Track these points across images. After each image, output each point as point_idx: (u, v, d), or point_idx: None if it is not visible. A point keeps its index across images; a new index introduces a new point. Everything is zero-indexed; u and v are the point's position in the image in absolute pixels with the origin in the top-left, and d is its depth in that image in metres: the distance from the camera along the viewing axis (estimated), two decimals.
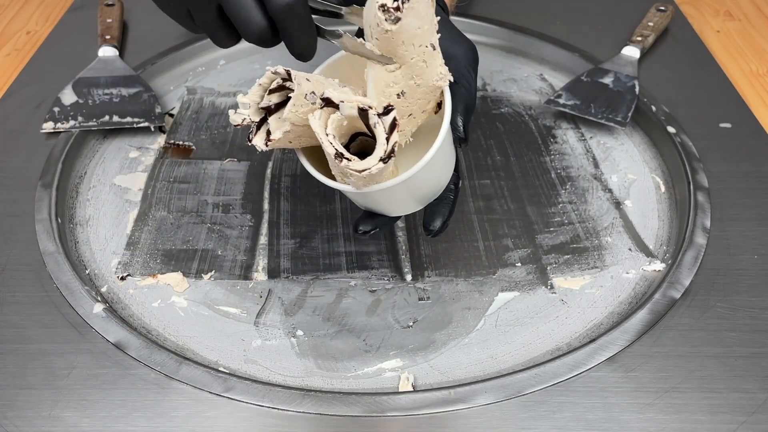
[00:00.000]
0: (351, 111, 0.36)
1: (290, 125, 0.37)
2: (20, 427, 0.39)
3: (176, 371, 0.42)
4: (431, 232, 0.44)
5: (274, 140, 0.38)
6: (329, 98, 0.36)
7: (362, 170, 0.36)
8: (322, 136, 0.36)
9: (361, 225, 0.44)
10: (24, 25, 0.78)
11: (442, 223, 0.44)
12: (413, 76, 0.38)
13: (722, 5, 0.82)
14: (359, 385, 0.43)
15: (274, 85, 0.38)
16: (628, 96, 0.63)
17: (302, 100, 0.37)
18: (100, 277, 0.49)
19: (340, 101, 0.36)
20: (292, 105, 0.36)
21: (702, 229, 0.51)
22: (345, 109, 0.36)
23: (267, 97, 0.38)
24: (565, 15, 0.77)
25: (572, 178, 0.58)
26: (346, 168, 0.36)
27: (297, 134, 0.38)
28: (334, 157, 0.36)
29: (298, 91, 0.36)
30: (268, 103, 0.38)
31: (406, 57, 0.37)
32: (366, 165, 0.36)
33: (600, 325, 0.46)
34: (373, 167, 0.36)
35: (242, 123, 0.38)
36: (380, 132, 0.36)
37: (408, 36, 0.37)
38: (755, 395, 0.41)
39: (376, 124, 0.36)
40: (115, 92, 0.63)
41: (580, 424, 0.39)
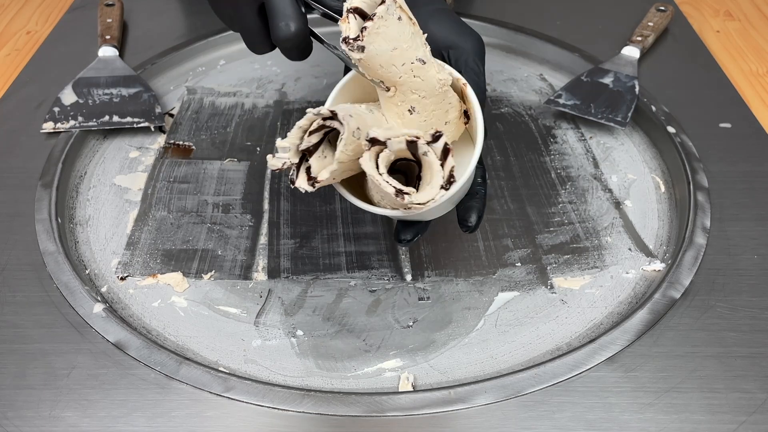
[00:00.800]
0: (399, 146, 0.35)
1: (338, 164, 0.36)
2: (20, 427, 0.39)
3: (176, 371, 0.42)
4: (469, 228, 0.43)
5: (322, 181, 0.37)
6: (375, 137, 0.35)
7: (426, 202, 0.35)
8: (377, 177, 0.35)
9: (402, 235, 0.44)
10: (24, 25, 0.78)
11: (478, 218, 0.43)
12: (412, 91, 0.38)
13: (722, 5, 0.82)
14: (359, 385, 0.43)
15: (314, 126, 0.37)
16: (628, 96, 0.63)
17: (351, 139, 0.36)
18: (100, 277, 0.49)
19: (387, 138, 0.35)
20: (343, 145, 0.36)
21: (702, 229, 0.51)
22: (393, 145, 0.35)
23: (306, 138, 0.37)
24: (565, 15, 0.77)
25: (572, 178, 0.58)
26: (410, 203, 0.35)
27: (341, 171, 0.38)
28: (394, 196, 0.35)
29: (347, 130, 0.36)
30: (308, 144, 0.37)
31: (393, 77, 0.37)
32: (430, 196, 0.35)
33: (600, 325, 0.46)
34: (437, 195, 0.35)
35: (281, 167, 0.37)
36: (433, 159, 0.35)
37: (384, 60, 0.36)
38: (755, 395, 0.41)
39: (427, 153, 0.35)
40: (115, 92, 0.63)
41: (580, 424, 0.39)
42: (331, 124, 0.37)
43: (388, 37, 0.36)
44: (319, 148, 0.38)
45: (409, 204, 0.35)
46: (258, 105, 0.66)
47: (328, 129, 0.37)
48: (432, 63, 0.39)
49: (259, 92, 0.68)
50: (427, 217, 0.43)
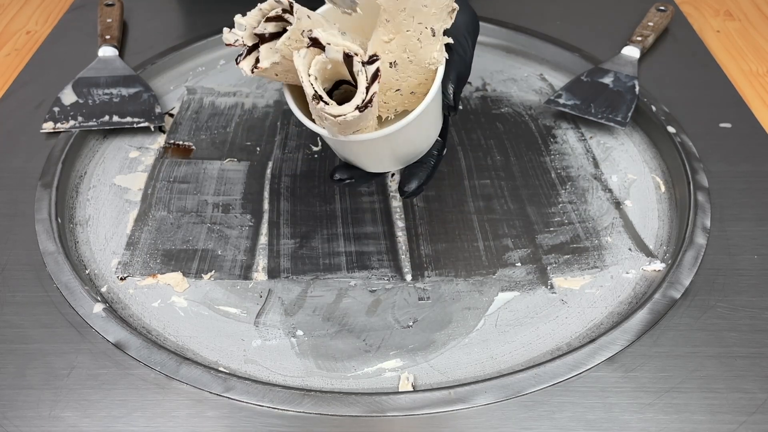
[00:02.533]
0: (336, 55, 0.35)
1: (280, 57, 0.36)
2: (20, 427, 0.39)
3: (176, 371, 0.42)
4: (405, 194, 0.43)
5: (261, 68, 0.37)
6: (317, 38, 0.35)
7: (337, 115, 0.35)
8: (304, 75, 0.35)
9: (337, 173, 0.43)
10: (24, 25, 0.78)
11: (417, 187, 0.43)
12: (407, 50, 0.38)
13: (722, 5, 0.82)
14: (359, 385, 0.43)
15: (273, 13, 0.37)
16: (628, 96, 0.63)
17: (298, 35, 0.36)
18: (100, 277, 0.49)
19: (327, 43, 0.35)
20: (287, 38, 0.36)
21: (702, 229, 0.51)
22: (330, 52, 0.35)
23: (263, 24, 0.37)
24: (565, 15, 0.77)
25: (572, 178, 0.58)
26: (322, 111, 0.35)
27: (285, 68, 0.37)
28: (312, 99, 0.35)
29: (296, 25, 0.35)
30: (263, 31, 0.37)
31: (403, 27, 0.37)
32: (341, 111, 0.35)
33: (600, 325, 0.46)
34: (349, 114, 0.35)
35: (233, 43, 0.37)
36: (361, 80, 0.35)
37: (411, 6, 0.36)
38: (755, 395, 0.41)
39: (359, 72, 0.35)
40: (115, 92, 0.63)
41: (580, 424, 0.39)
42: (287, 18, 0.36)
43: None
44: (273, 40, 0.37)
45: (320, 111, 0.35)
46: (258, 105, 0.66)
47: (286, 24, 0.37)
48: (438, 39, 0.38)
49: (259, 92, 0.68)
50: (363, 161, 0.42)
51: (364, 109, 0.35)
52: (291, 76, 0.39)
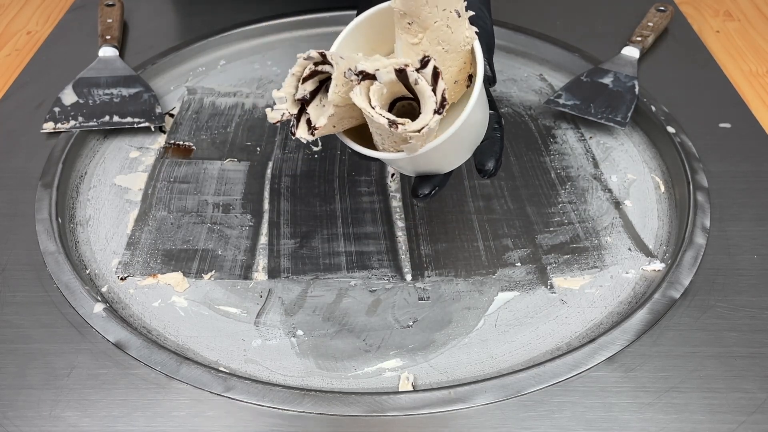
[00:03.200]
0: (389, 76, 0.35)
1: (333, 108, 0.36)
2: (20, 427, 0.39)
3: (176, 371, 0.42)
4: (487, 173, 0.42)
5: (321, 128, 0.36)
6: (364, 70, 0.35)
7: (420, 129, 0.34)
8: (368, 109, 0.35)
9: (420, 189, 0.42)
10: (24, 25, 0.78)
11: (496, 161, 0.42)
12: (439, 41, 0.37)
13: (722, 5, 0.82)
14: (359, 385, 0.43)
15: (306, 72, 0.37)
16: (628, 96, 0.63)
17: (342, 80, 0.36)
18: (100, 277, 0.49)
19: (375, 70, 0.35)
20: (334, 86, 0.35)
21: (702, 229, 0.51)
22: (382, 76, 0.35)
23: (301, 87, 0.37)
24: (565, 15, 0.77)
25: (572, 178, 0.58)
26: (404, 132, 0.34)
27: (340, 117, 0.37)
28: (388, 126, 0.34)
29: (338, 70, 0.35)
30: (303, 93, 0.37)
31: (430, 20, 0.36)
32: (423, 122, 0.35)
33: (600, 325, 0.46)
34: (431, 121, 0.35)
35: (282, 119, 0.37)
36: (424, 86, 0.35)
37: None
38: (755, 395, 0.41)
39: (418, 80, 0.34)
40: (115, 92, 0.63)
41: (580, 424, 0.39)
42: (323, 69, 0.36)
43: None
44: (316, 96, 0.37)
45: (403, 133, 0.35)
46: (258, 105, 0.66)
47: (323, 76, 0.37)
48: (465, 18, 0.38)
49: (259, 92, 0.68)
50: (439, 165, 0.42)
51: (442, 110, 0.35)
52: (346, 122, 0.38)
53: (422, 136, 0.35)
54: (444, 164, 0.42)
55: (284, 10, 0.76)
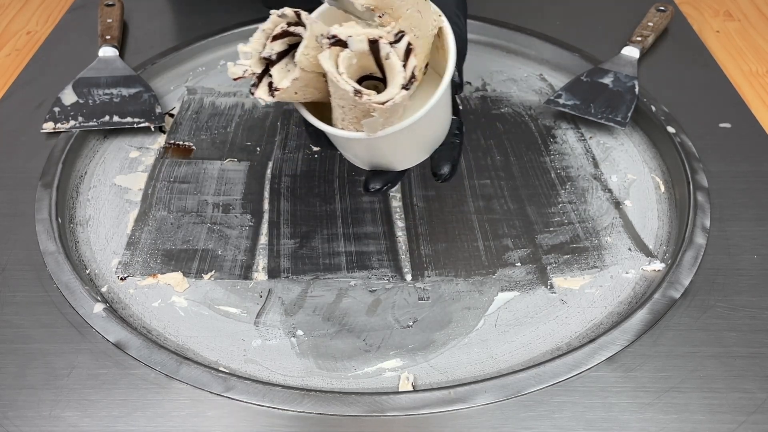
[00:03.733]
0: (361, 45, 0.33)
1: (300, 71, 0.35)
2: (20, 427, 0.39)
3: (176, 371, 0.42)
4: (441, 177, 0.42)
5: (282, 89, 0.35)
6: (336, 35, 0.33)
7: (386, 101, 0.33)
8: (335, 75, 0.33)
9: (371, 183, 0.42)
10: (24, 25, 0.78)
11: (452, 167, 0.42)
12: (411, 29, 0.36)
13: (722, 5, 0.82)
14: (359, 385, 0.43)
15: (278, 30, 0.35)
16: (628, 96, 0.63)
17: (313, 43, 0.34)
18: (100, 277, 0.49)
19: (348, 36, 0.33)
20: (303, 47, 0.34)
21: (702, 229, 0.51)
22: (354, 44, 0.33)
23: (269, 45, 0.35)
24: (565, 15, 0.77)
25: (572, 178, 0.58)
26: (369, 103, 0.33)
27: (304, 83, 0.36)
28: (353, 95, 0.33)
29: (310, 32, 0.34)
30: (270, 53, 0.35)
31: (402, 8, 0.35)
32: (389, 95, 0.33)
33: (600, 325, 0.46)
34: (397, 96, 0.33)
35: (243, 75, 0.35)
36: (395, 60, 0.34)
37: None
38: (755, 395, 0.41)
39: (389, 54, 0.33)
40: (115, 92, 0.63)
41: (580, 424, 0.39)
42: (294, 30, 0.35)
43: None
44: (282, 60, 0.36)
45: (367, 103, 0.33)
46: (258, 105, 0.66)
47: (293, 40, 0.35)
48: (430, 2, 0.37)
49: None
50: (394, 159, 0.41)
51: (410, 86, 0.34)
52: (309, 92, 0.37)
53: (386, 110, 0.34)
54: (399, 159, 0.42)
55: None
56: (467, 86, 0.69)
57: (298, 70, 0.35)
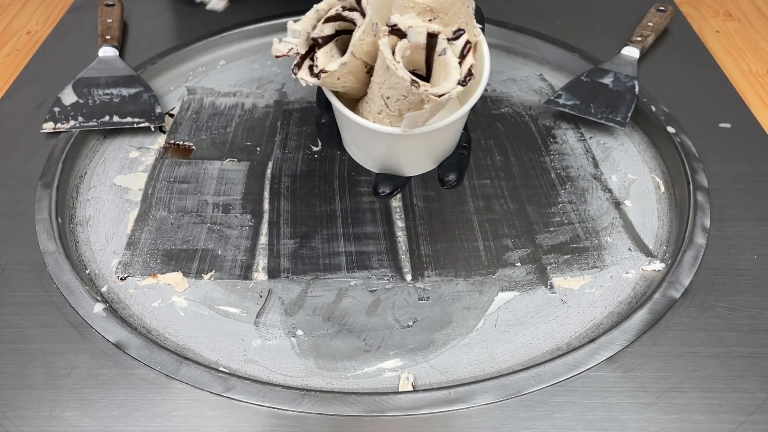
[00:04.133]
0: (419, 37, 0.33)
1: (350, 56, 0.34)
2: (20, 427, 0.39)
3: (176, 371, 0.42)
4: (448, 183, 0.43)
5: (330, 71, 0.34)
6: (396, 24, 0.33)
7: (443, 94, 0.33)
8: (393, 63, 0.33)
9: (381, 187, 0.43)
10: (24, 25, 0.78)
11: (459, 175, 0.43)
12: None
13: (722, 5, 0.82)
14: (359, 385, 0.43)
15: (333, 12, 0.35)
16: (628, 96, 0.63)
17: (370, 29, 0.34)
18: (100, 277, 0.49)
19: (409, 27, 0.33)
20: (361, 32, 0.34)
21: (702, 229, 0.51)
22: (413, 36, 0.33)
23: (320, 26, 0.35)
24: (565, 15, 0.77)
25: (572, 178, 0.58)
26: (425, 94, 0.33)
27: (349, 69, 0.35)
28: (410, 84, 0.33)
29: (370, 17, 0.34)
30: (319, 34, 0.35)
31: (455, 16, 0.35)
32: (447, 88, 0.33)
33: (600, 325, 0.46)
34: (453, 90, 0.33)
35: (287, 53, 0.35)
36: (450, 57, 0.34)
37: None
38: (755, 395, 0.41)
39: (446, 49, 0.33)
40: (115, 92, 0.63)
41: (580, 424, 0.39)
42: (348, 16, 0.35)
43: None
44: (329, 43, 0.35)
45: (424, 94, 0.33)
46: (258, 105, 0.66)
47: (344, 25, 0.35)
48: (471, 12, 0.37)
49: (259, 92, 0.68)
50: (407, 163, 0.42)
51: (466, 83, 0.34)
52: (349, 80, 0.37)
53: (440, 103, 0.34)
54: (412, 162, 0.42)
55: (284, 10, 0.76)
56: None
57: (349, 55, 0.34)
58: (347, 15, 0.35)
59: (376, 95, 0.36)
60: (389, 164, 0.43)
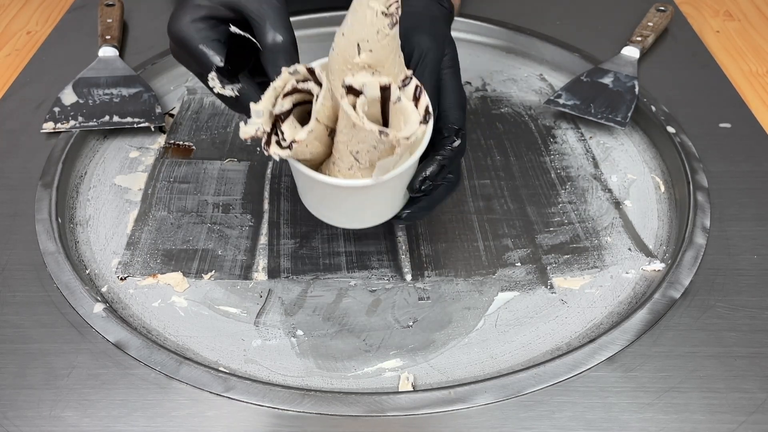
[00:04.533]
0: (374, 91, 0.35)
1: (315, 123, 0.36)
2: (20, 427, 0.39)
3: (176, 371, 0.42)
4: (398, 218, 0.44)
5: (300, 141, 0.36)
6: (351, 84, 0.35)
7: (408, 136, 0.35)
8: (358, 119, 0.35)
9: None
10: (24, 25, 0.78)
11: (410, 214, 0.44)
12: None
13: (722, 5, 0.82)
14: (359, 385, 0.43)
15: (289, 87, 0.37)
16: (628, 96, 0.63)
17: (329, 94, 0.36)
18: (100, 277, 0.49)
19: (362, 84, 0.35)
20: (322, 98, 0.36)
21: (702, 229, 0.51)
22: (369, 91, 0.35)
23: (280, 101, 0.37)
24: (565, 15, 0.77)
25: (572, 178, 0.58)
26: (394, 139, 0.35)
27: (315, 135, 0.37)
28: (378, 134, 0.35)
29: (326, 85, 0.36)
30: (281, 110, 0.37)
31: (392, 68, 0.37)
32: (411, 130, 0.35)
33: (600, 325, 0.46)
34: (418, 130, 0.35)
35: (255, 133, 0.37)
36: (406, 103, 0.36)
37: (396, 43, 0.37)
38: (755, 395, 0.41)
39: (400, 97, 0.35)
40: (115, 92, 0.63)
41: (580, 424, 0.39)
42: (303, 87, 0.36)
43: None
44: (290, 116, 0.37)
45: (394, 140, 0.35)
46: None
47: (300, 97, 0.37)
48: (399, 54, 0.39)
49: None
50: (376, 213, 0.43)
51: (426, 121, 0.36)
52: (315, 145, 0.38)
53: (409, 144, 0.36)
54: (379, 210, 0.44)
55: None
56: (467, 86, 0.69)
57: (314, 121, 0.36)
58: (302, 87, 0.37)
59: (344, 153, 0.38)
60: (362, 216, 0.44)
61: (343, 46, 0.36)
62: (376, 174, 0.38)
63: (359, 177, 0.39)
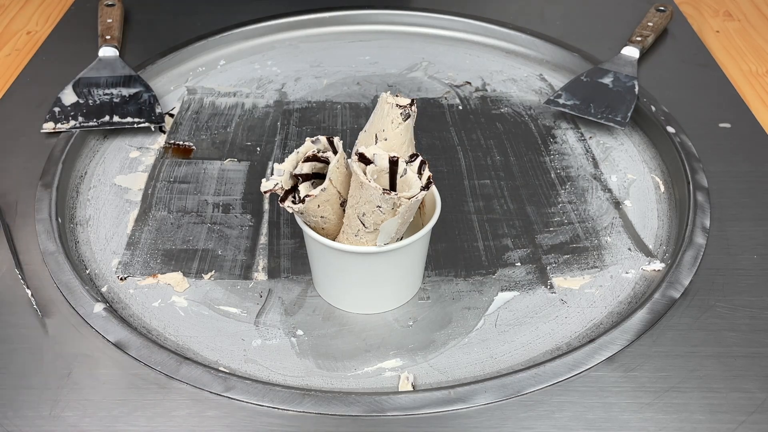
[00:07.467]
0: (384, 162, 0.40)
1: (328, 182, 0.41)
2: (20, 427, 0.39)
3: (176, 371, 0.42)
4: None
5: (313, 195, 0.41)
6: (363, 153, 0.40)
7: (411, 197, 0.39)
8: (365, 179, 0.39)
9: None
10: (24, 25, 0.78)
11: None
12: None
13: (722, 5, 0.82)
14: (359, 385, 0.43)
15: (310, 153, 0.42)
16: (628, 96, 0.63)
17: (343, 161, 0.42)
18: (100, 277, 0.49)
19: (374, 154, 0.40)
20: (336, 161, 0.41)
21: (701, 229, 0.51)
22: (378, 161, 0.40)
23: (301, 165, 0.42)
24: (565, 15, 0.77)
25: (572, 178, 0.58)
26: (397, 198, 0.39)
27: (327, 197, 0.42)
28: (381, 193, 0.39)
29: (341, 152, 0.42)
30: (301, 171, 0.42)
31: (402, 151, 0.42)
32: (413, 192, 0.40)
33: (599, 325, 0.46)
34: (419, 194, 0.40)
35: (273, 189, 0.41)
36: (411, 176, 0.41)
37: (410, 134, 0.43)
38: (755, 395, 0.41)
39: (406, 170, 0.41)
40: (115, 92, 0.63)
41: (580, 424, 0.39)
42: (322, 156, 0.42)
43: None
44: (307, 181, 0.42)
45: (395, 198, 0.39)
46: (258, 105, 0.66)
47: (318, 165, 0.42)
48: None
49: (259, 92, 0.68)
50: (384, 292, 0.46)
51: (428, 188, 0.40)
52: (327, 210, 0.42)
53: (411, 205, 0.40)
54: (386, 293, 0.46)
55: (284, 10, 0.76)
56: (467, 86, 0.69)
57: (327, 181, 0.41)
58: (321, 155, 0.42)
59: (352, 218, 0.42)
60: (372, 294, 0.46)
61: (363, 138, 0.44)
62: (380, 239, 0.41)
63: (364, 243, 0.42)
